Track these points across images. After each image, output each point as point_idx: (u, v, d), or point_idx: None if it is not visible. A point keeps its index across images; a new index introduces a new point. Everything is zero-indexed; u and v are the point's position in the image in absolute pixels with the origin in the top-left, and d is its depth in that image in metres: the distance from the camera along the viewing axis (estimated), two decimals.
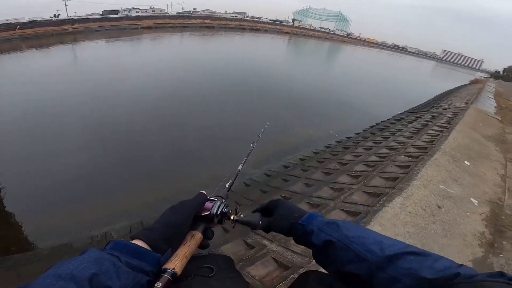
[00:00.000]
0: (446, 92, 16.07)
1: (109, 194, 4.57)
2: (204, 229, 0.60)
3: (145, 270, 0.45)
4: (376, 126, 7.79)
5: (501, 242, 2.01)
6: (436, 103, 10.79)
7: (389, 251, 0.46)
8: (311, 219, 0.61)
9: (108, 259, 0.41)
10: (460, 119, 5.37)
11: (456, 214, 2.19)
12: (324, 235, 0.55)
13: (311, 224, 0.59)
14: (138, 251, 0.46)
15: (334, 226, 0.57)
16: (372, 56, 57.39)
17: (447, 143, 3.67)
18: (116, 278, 0.39)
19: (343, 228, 0.55)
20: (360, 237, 0.52)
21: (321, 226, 0.58)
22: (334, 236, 0.54)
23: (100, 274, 0.38)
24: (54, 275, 0.36)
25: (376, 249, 0.48)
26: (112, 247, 0.45)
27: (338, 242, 0.53)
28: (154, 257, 0.47)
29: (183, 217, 0.56)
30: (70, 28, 34.83)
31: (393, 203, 2.09)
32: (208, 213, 0.61)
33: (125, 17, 47.91)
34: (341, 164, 4.00)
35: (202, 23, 55.95)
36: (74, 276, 0.36)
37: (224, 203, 0.65)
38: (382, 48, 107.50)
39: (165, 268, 0.47)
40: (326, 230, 0.56)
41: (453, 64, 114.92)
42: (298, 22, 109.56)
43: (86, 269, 0.37)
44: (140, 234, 0.50)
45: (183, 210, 0.57)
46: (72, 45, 25.52)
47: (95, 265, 0.39)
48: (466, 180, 2.82)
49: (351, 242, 0.51)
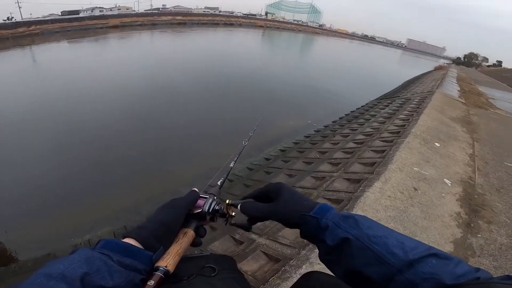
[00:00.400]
0: (413, 78, 16.97)
1: (89, 199, 4.40)
2: (197, 227, 0.59)
3: (138, 268, 0.44)
4: (351, 113, 8.07)
5: (477, 222, 2.14)
6: (405, 89, 11.36)
7: (412, 255, 0.43)
8: (324, 211, 0.53)
9: (99, 258, 0.40)
10: (428, 103, 5.71)
11: (432, 196, 2.32)
12: (341, 232, 0.49)
13: (326, 218, 0.52)
14: (130, 249, 0.45)
15: (351, 221, 0.50)
16: (344, 46, 59.07)
17: (417, 127, 3.88)
18: (109, 277, 0.39)
19: (362, 224, 0.49)
20: (382, 237, 0.46)
21: (337, 221, 0.51)
22: (352, 233, 0.48)
23: (92, 273, 0.37)
24: (45, 274, 0.35)
25: (399, 252, 0.43)
26: (103, 245, 0.44)
27: (356, 240, 0.47)
28: (146, 255, 0.46)
29: (175, 215, 0.55)
30: (27, 30, 32.14)
31: (372, 188, 2.19)
32: (200, 210, 0.60)
33: (87, 16, 44.98)
34: (321, 153, 4.10)
35: (173, 19, 53.98)
36: (65, 276, 0.35)
37: (216, 201, 0.64)
38: (353, 38, 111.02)
39: (158, 266, 0.47)
40: (343, 226, 0.50)
41: (418, 52, 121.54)
42: (272, 15, 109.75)
43: (77, 268, 0.37)
44: (132, 232, 0.49)
45: (176, 208, 0.56)
46: (31, 47, 23.58)
47: (86, 265, 0.38)
48: (438, 161, 3.00)
49: (372, 242, 0.46)
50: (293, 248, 1.70)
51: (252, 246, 1.86)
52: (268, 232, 1.99)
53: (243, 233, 2.07)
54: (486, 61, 69.29)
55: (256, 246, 1.84)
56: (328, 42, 61.80)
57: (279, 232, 1.94)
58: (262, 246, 1.82)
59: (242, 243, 1.96)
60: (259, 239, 1.92)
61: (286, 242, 1.79)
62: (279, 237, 1.88)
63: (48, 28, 34.57)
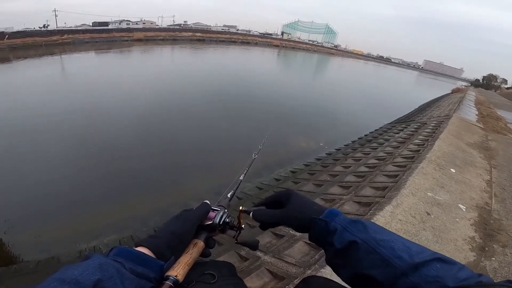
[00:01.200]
0: (429, 101, 16.72)
1: (98, 207, 4.47)
2: (206, 238, 0.61)
3: (149, 277, 0.45)
4: (364, 137, 8.01)
5: (491, 246, 2.07)
6: (421, 112, 11.20)
7: (418, 258, 0.44)
8: (333, 215, 0.55)
9: (112, 265, 0.41)
10: (444, 128, 5.59)
11: (446, 220, 2.26)
12: (349, 235, 0.51)
13: (334, 222, 0.54)
14: (143, 258, 0.46)
15: (360, 225, 0.51)
16: (359, 67, 59.35)
17: (432, 152, 3.81)
18: (120, 284, 0.39)
19: (370, 229, 0.51)
20: (388, 241, 0.48)
21: (346, 225, 0.52)
22: (360, 237, 0.50)
23: (104, 280, 0.38)
24: (58, 279, 0.36)
25: (405, 256, 0.45)
26: (116, 253, 0.45)
27: (363, 244, 0.49)
28: (158, 264, 0.47)
29: (188, 226, 0.57)
30: (60, 39, 34.52)
31: (383, 212, 2.15)
32: (211, 222, 0.61)
33: (115, 29, 47.99)
34: (331, 175, 4.09)
35: (192, 36, 56.59)
36: (78, 282, 0.36)
37: (227, 213, 0.65)
38: (368, 59, 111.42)
39: (168, 275, 0.48)
40: (351, 229, 0.51)
41: (435, 73, 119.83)
42: (287, 35, 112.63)
43: (91, 275, 0.38)
44: (145, 241, 0.50)
45: (188, 219, 0.58)
46: (61, 56, 25.22)
47: (99, 271, 0.39)
48: (453, 187, 2.92)
49: (379, 246, 0.47)
50: (299, 267, 1.68)
51: (257, 263, 1.84)
52: (273, 250, 1.97)
53: (248, 250, 2.07)
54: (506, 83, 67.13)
55: (261, 263, 1.83)
56: (342, 62, 62.37)
57: (285, 251, 1.93)
58: (267, 263, 1.81)
59: (247, 260, 1.95)
60: (265, 257, 1.91)
61: (292, 261, 1.77)
62: (285, 256, 1.86)
63: (79, 38, 37.01)
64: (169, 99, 11.33)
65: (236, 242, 0.66)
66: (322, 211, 0.58)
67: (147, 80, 15.04)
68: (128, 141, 6.95)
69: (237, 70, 22.34)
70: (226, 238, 2.44)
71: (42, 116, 8.25)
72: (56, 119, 8.05)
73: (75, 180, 5.14)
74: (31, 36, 32.16)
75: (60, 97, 10.86)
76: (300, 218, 0.59)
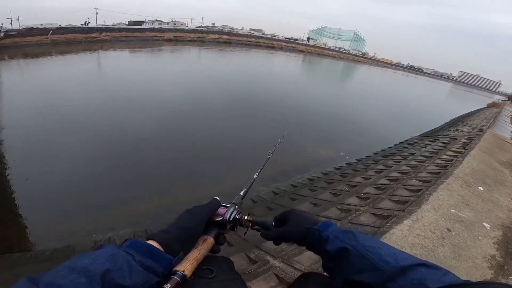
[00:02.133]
0: (462, 115, 15.73)
1: (116, 200, 4.63)
2: (216, 235, 0.61)
3: (157, 271, 0.45)
4: (388, 149, 7.69)
5: (511, 265, 1.95)
6: (452, 127, 10.57)
7: (403, 262, 0.47)
8: (327, 226, 0.61)
9: (123, 256, 0.42)
10: (476, 144, 5.25)
11: (467, 238, 2.15)
12: (340, 243, 0.55)
13: (327, 231, 0.59)
14: (153, 251, 0.47)
15: (350, 234, 0.57)
16: (387, 76, 57.25)
17: (461, 169, 3.59)
18: (128, 276, 0.40)
19: (359, 237, 0.55)
20: (375, 247, 0.52)
21: (337, 234, 0.58)
22: (350, 244, 0.54)
23: (113, 270, 0.39)
24: (69, 267, 0.37)
25: (390, 260, 0.48)
26: (129, 245, 0.46)
27: (353, 250, 0.53)
28: (167, 258, 0.48)
29: (197, 222, 0.58)
30: (98, 36, 36.96)
31: (401, 225, 2.06)
32: (221, 218, 0.62)
33: (148, 28, 50.44)
34: (350, 186, 3.98)
35: (219, 38, 57.90)
36: (88, 270, 0.37)
37: (237, 210, 0.65)
38: (397, 68, 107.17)
39: (176, 270, 0.48)
40: (342, 237, 0.56)
41: (470, 86, 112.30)
42: (313, 40, 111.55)
43: (101, 264, 0.39)
44: (156, 235, 0.52)
45: (198, 215, 0.59)
46: (98, 53, 26.92)
47: (110, 261, 0.40)
48: (479, 205, 2.76)
49: (367, 251, 0.51)
50: None
51: (265, 267, 1.83)
52: (283, 256, 1.95)
53: (258, 253, 2.06)
54: None
55: (269, 267, 1.81)
56: (370, 71, 60.48)
57: (295, 257, 1.90)
58: (275, 268, 1.79)
59: (256, 263, 1.94)
60: (274, 261, 1.89)
61: (301, 268, 1.74)
62: (294, 262, 1.83)
63: (115, 36, 39.39)
64: (192, 99, 11.65)
65: (250, 221, 0.67)
66: (316, 222, 0.64)
67: (173, 80, 15.60)
68: (149, 138, 7.20)
69: (260, 74, 22.43)
70: (236, 239, 2.46)
71: (73, 110, 8.81)
72: (84, 114, 8.55)
73: (97, 173, 5.36)
74: (73, 33, 34.73)
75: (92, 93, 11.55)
76: (297, 231, 0.65)
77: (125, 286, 0.39)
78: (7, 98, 9.96)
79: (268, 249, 2.10)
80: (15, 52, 24.47)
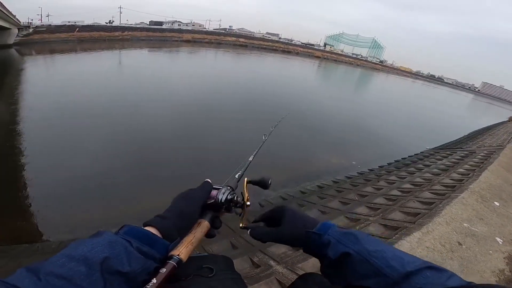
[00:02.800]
0: (482, 129, 15.13)
1: (124, 196, 4.72)
2: (212, 218, 0.59)
3: (154, 256, 0.45)
4: (402, 160, 7.50)
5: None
6: (470, 140, 10.18)
7: (409, 267, 0.45)
8: (326, 228, 0.56)
9: (120, 243, 0.42)
10: (495, 159, 5.05)
11: (477, 252, 2.10)
12: (342, 247, 0.52)
13: (327, 234, 0.55)
14: (150, 237, 0.47)
15: (352, 237, 0.53)
16: (405, 85, 55.83)
17: (477, 183, 3.47)
18: (126, 262, 0.40)
19: (362, 240, 0.52)
20: (380, 251, 0.49)
21: (339, 237, 0.54)
22: (353, 248, 0.51)
23: (112, 257, 0.39)
24: (67, 255, 0.37)
25: (397, 265, 0.45)
26: (126, 231, 0.46)
27: (356, 255, 0.49)
28: (164, 244, 0.48)
29: (193, 206, 0.56)
30: (120, 35, 38.36)
31: (410, 237, 2.02)
32: (214, 200, 0.60)
33: (168, 29, 51.82)
34: (360, 195, 3.92)
35: (236, 41, 58.57)
36: (87, 258, 0.37)
37: (229, 190, 0.63)
38: (417, 77, 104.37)
39: (171, 254, 0.47)
40: (344, 241, 0.52)
41: (492, 98, 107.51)
42: (330, 46, 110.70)
43: (99, 252, 0.38)
44: (153, 221, 0.51)
45: (193, 198, 0.58)
46: (120, 51, 27.87)
47: (108, 249, 0.40)
48: (493, 220, 2.68)
49: (371, 257, 0.48)
50: None
51: (268, 272, 1.83)
52: (287, 261, 1.95)
53: (262, 257, 2.06)
54: None
55: (272, 272, 1.81)
56: (387, 79, 59.14)
57: (299, 264, 1.89)
58: (278, 273, 1.78)
59: (259, 267, 1.94)
60: (277, 266, 1.89)
61: None
62: (297, 268, 1.82)
63: (136, 35, 40.73)
64: (206, 99, 11.82)
65: (241, 227, 0.64)
66: (315, 224, 0.59)
67: (189, 80, 15.88)
68: (163, 138, 7.32)
69: (274, 79, 22.39)
70: (241, 242, 2.47)
71: (92, 105, 9.12)
72: (103, 110, 8.79)
73: (109, 169, 5.49)
74: (98, 31, 36.22)
75: (111, 89, 11.96)
76: (294, 236, 0.59)
77: (124, 272, 0.39)
78: (33, 93, 10.45)
79: (272, 253, 2.11)
80: (42, 47, 25.84)
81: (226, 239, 2.52)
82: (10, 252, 3.07)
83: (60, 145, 6.32)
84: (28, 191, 4.58)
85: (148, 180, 5.28)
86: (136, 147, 6.57)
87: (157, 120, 8.44)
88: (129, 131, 7.43)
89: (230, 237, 2.53)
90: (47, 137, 6.62)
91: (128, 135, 7.20)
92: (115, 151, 6.27)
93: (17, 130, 6.81)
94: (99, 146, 6.41)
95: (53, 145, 6.25)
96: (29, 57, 21.24)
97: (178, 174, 5.57)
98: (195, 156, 6.47)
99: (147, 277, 0.43)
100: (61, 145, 6.28)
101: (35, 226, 3.87)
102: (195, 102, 11.10)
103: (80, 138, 6.73)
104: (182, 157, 6.32)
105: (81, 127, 7.37)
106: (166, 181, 5.27)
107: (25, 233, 3.74)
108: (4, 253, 3.05)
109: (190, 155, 6.49)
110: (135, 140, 6.91)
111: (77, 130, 7.20)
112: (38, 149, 5.92)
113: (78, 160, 5.69)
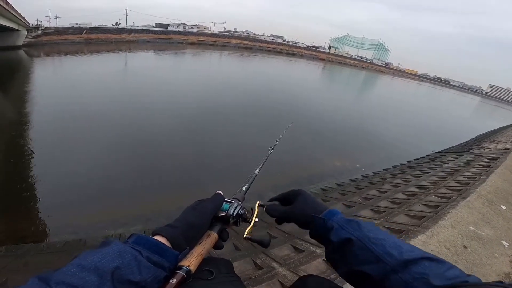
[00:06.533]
0: (489, 132, 14.90)
1: (129, 198, 4.75)
2: (220, 230, 0.61)
3: (164, 266, 0.45)
4: (407, 163, 7.41)
5: None
6: (477, 143, 10.03)
7: (407, 256, 0.46)
8: (331, 214, 0.60)
9: (130, 252, 0.42)
10: (502, 162, 4.98)
11: (483, 255, 2.08)
12: (344, 233, 0.54)
13: (332, 220, 0.58)
14: (159, 247, 0.47)
15: (355, 224, 0.55)
16: (411, 88, 55.27)
17: (484, 186, 3.42)
18: (137, 271, 0.40)
19: (364, 228, 0.54)
20: (380, 239, 0.51)
21: (342, 223, 0.56)
22: (355, 234, 0.53)
23: (122, 267, 0.39)
24: (78, 265, 0.37)
25: (395, 253, 0.48)
26: (135, 241, 0.46)
27: (357, 241, 0.52)
28: (173, 254, 0.48)
29: (204, 217, 0.58)
30: (127, 37, 38.87)
31: (414, 240, 2.00)
32: (225, 214, 0.61)
33: (173, 31, 52.33)
34: (364, 198, 3.89)
35: (240, 43, 58.81)
36: (97, 268, 0.37)
37: (241, 205, 0.65)
38: (423, 80, 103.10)
39: (181, 265, 0.48)
40: (347, 227, 0.55)
41: (499, 100, 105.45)
42: (335, 49, 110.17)
43: (110, 262, 0.39)
44: (163, 230, 0.51)
45: (204, 211, 0.59)
46: (126, 53, 28.19)
47: (118, 258, 0.40)
48: (499, 223, 2.65)
49: (371, 243, 0.50)
50: None
51: (270, 274, 1.82)
52: (290, 264, 1.95)
53: (264, 259, 2.06)
54: None
55: (274, 274, 1.81)
56: (393, 82, 58.58)
57: (302, 266, 1.89)
58: (280, 275, 1.78)
59: (261, 269, 1.94)
60: (279, 268, 1.89)
61: None
62: (300, 271, 1.81)
63: (142, 37, 41.21)
64: (210, 102, 11.87)
65: (244, 237, 0.64)
66: (322, 210, 0.62)
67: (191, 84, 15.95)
68: (165, 140, 7.36)
69: (278, 82, 22.35)
70: (244, 244, 2.46)
71: (96, 107, 9.19)
72: (108, 111, 8.89)
73: (114, 171, 5.53)
74: (105, 33, 36.75)
75: (116, 91, 12.08)
76: (302, 216, 0.64)
77: (135, 282, 0.40)
78: (40, 94, 10.59)
79: (275, 255, 2.10)
80: (51, 49, 26.30)
81: (229, 241, 2.50)
82: (16, 251, 3.11)
83: (66, 146, 6.39)
84: (34, 192, 4.64)
85: (152, 183, 5.31)
86: (141, 151, 6.59)
87: (162, 123, 8.50)
88: (135, 134, 7.48)
89: (233, 239, 2.52)
90: (53, 138, 6.71)
91: (135, 138, 7.25)
92: (121, 154, 6.31)
93: (24, 131, 6.91)
94: (105, 148, 6.47)
95: (59, 147, 6.33)
96: (37, 58, 21.64)
97: (184, 178, 5.59)
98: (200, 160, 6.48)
99: (157, 285, 0.43)
100: (67, 147, 6.35)
101: (40, 227, 3.91)
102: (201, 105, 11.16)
103: (87, 140, 6.79)
104: (187, 162, 6.33)
105: (88, 129, 7.45)
106: (171, 185, 5.29)
107: (30, 233, 3.78)
108: (10, 252, 3.10)
109: (195, 159, 6.51)
110: (141, 143, 6.96)
111: (84, 131, 7.28)
112: (44, 150, 6.00)
113: (84, 161, 5.74)
